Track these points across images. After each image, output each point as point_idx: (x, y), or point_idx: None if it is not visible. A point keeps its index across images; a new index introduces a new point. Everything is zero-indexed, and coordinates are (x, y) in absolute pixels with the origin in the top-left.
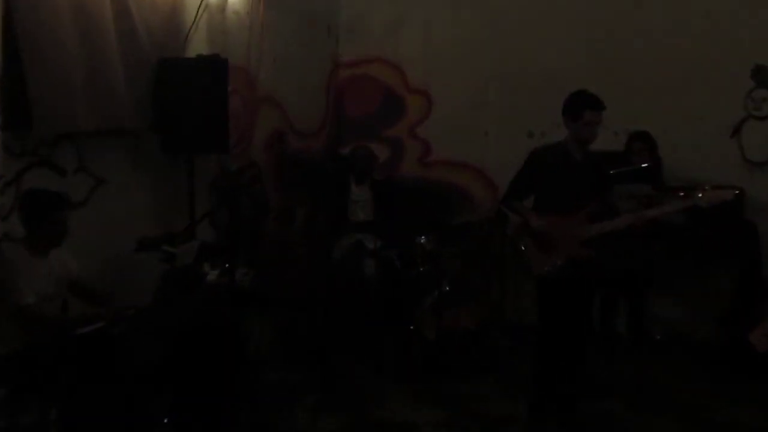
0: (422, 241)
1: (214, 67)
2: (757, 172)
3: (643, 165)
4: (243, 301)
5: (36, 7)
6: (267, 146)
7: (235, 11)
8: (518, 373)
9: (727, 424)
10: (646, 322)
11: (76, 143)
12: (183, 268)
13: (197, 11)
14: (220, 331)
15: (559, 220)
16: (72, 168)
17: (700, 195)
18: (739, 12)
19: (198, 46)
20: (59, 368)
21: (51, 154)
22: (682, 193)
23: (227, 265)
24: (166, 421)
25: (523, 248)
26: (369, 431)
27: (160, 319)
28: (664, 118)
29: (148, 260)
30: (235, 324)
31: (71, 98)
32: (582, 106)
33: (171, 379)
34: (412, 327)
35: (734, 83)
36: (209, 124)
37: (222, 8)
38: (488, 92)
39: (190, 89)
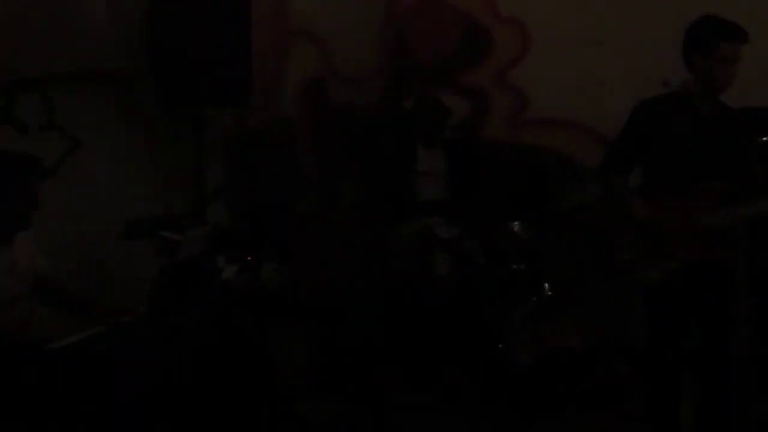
0: (516, 228)
1: None
2: None
3: None
4: (270, 307)
5: None
6: (302, 97)
7: None
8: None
9: None
10: None
11: (44, 93)
12: (189, 261)
13: None
14: (239, 348)
15: (675, 204)
16: (37, 124)
17: None
18: None
19: None
20: (23, 395)
21: (8, 106)
22: None
23: (249, 259)
24: None
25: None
26: None
27: (158, 330)
28: None
29: (140, 250)
30: (259, 339)
31: (29, 32)
32: (716, 35)
33: (172, 411)
34: (500, 346)
35: None
36: (224, 67)
37: None
38: (608, 25)
39: (198, 20)
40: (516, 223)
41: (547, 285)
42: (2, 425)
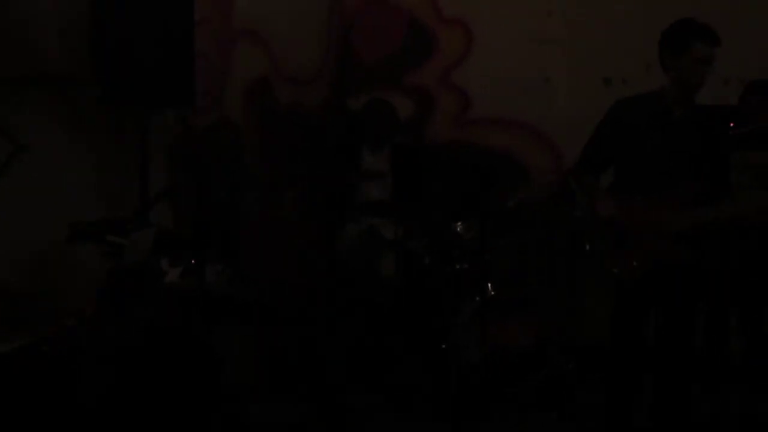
0: (459, 228)
1: None
2: None
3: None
4: (216, 309)
5: None
6: (246, 98)
7: None
8: (588, 408)
9: None
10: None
11: None
12: (134, 264)
13: None
14: (187, 351)
15: (643, 204)
16: None
17: None
18: None
19: None
20: None
21: None
22: None
23: (194, 261)
24: None
25: (587, 247)
26: None
27: (105, 333)
28: None
29: (86, 254)
30: (206, 342)
31: None
32: (690, 37)
33: (120, 415)
34: (445, 345)
35: None
36: (168, 68)
37: None
38: (550, 23)
39: (141, 20)
40: (460, 223)
41: (489, 285)
42: None
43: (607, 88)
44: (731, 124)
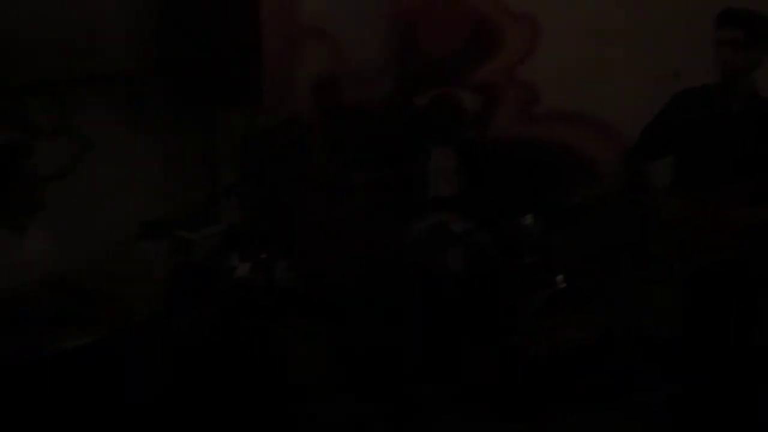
0: (528, 222)
1: None
2: None
3: None
4: (285, 305)
5: None
6: (313, 96)
7: None
8: (655, 403)
9: None
10: None
11: (56, 94)
12: (203, 260)
13: None
14: (254, 346)
15: (705, 201)
16: (49, 127)
17: None
18: None
19: None
20: (35, 396)
21: (18, 110)
22: None
23: (263, 257)
24: None
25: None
26: None
27: (171, 331)
28: None
29: (155, 250)
30: (273, 338)
31: (40, 33)
32: (717, 22)
33: (185, 412)
34: (514, 338)
35: None
36: (235, 66)
37: None
38: (617, 14)
39: (207, 19)
40: (528, 216)
41: (559, 277)
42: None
43: (676, 80)
44: None
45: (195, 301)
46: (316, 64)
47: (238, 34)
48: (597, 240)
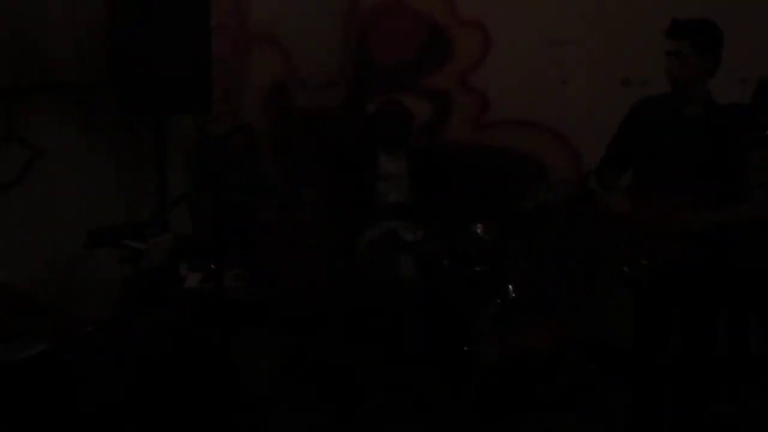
0: (479, 230)
1: None
2: None
3: None
4: (235, 315)
5: None
6: (264, 103)
7: None
8: (609, 409)
9: None
10: None
11: (5, 103)
12: (152, 270)
13: None
14: (205, 356)
15: (657, 203)
16: None
17: None
18: None
19: None
20: None
21: None
22: None
23: (213, 266)
24: None
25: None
26: None
27: (122, 340)
28: None
29: (104, 260)
30: (224, 347)
31: None
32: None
33: (137, 421)
34: (466, 348)
35: None
36: (185, 74)
37: None
38: (567, 23)
39: (158, 26)
40: (479, 224)
41: (511, 286)
42: None
43: (626, 88)
44: (745, 124)
45: (145, 310)
46: (267, 72)
47: (187, 42)
48: (549, 247)
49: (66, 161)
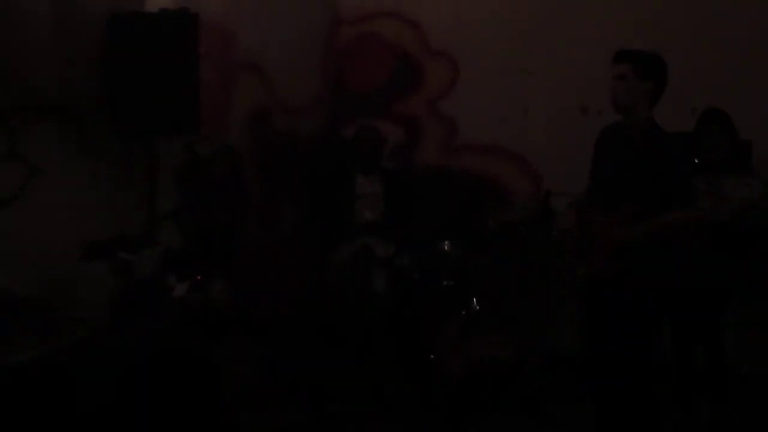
0: (446, 247)
1: (180, 24)
2: None
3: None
4: (219, 323)
5: None
6: (247, 127)
7: None
8: (564, 416)
9: None
10: (728, 353)
11: (6, 124)
12: (142, 280)
13: None
14: (190, 361)
15: (600, 219)
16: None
17: None
18: None
19: None
20: None
21: None
22: None
23: (199, 278)
24: None
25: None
26: None
27: (114, 345)
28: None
29: (97, 271)
30: (208, 353)
31: None
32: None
33: (127, 424)
34: (432, 357)
35: None
36: (174, 99)
37: None
38: (531, 56)
39: (149, 53)
40: (446, 242)
41: (474, 300)
42: None
43: (584, 116)
44: (688, 150)
45: (136, 317)
46: (250, 98)
47: (177, 69)
48: (511, 263)
49: (63, 179)
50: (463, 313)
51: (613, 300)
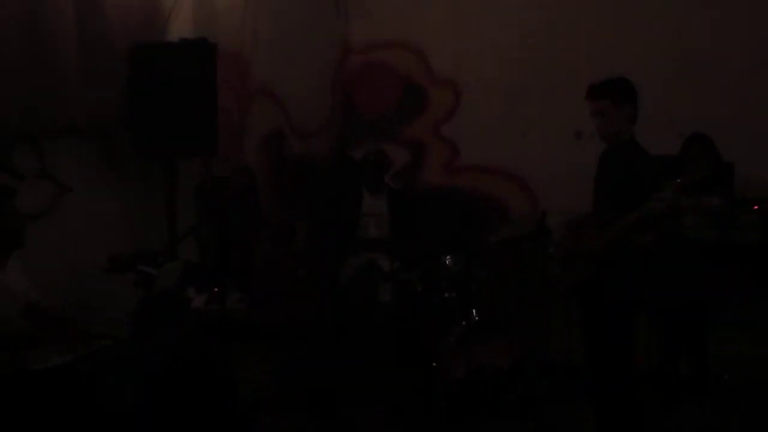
0: (448, 261)
1: (199, 53)
2: None
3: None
4: (235, 332)
5: None
6: (262, 148)
7: None
8: (560, 422)
9: None
10: (711, 361)
11: (37, 145)
12: (164, 292)
13: None
14: (208, 368)
15: (588, 231)
16: (32, 173)
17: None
18: None
19: (181, 27)
20: (16, 412)
21: (6, 157)
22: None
23: (216, 290)
24: None
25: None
26: None
27: (137, 353)
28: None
29: (121, 283)
30: (225, 360)
31: (20, 92)
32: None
33: (149, 426)
34: (435, 364)
35: None
36: (193, 122)
37: None
38: (528, 83)
39: (170, 80)
40: (448, 257)
41: (475, 311)
42: None
43: (578, 140)
44: (672, 170)
45: (157, 327)
46: (265, 121)
47: (196, 94)
48: (509, 276)
49: (89, 196)
50: (464, 322)
51: (596, 305)
